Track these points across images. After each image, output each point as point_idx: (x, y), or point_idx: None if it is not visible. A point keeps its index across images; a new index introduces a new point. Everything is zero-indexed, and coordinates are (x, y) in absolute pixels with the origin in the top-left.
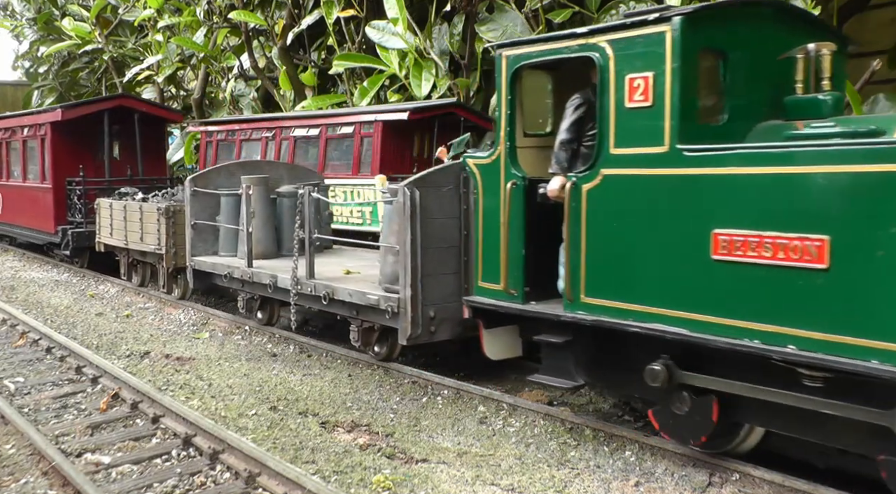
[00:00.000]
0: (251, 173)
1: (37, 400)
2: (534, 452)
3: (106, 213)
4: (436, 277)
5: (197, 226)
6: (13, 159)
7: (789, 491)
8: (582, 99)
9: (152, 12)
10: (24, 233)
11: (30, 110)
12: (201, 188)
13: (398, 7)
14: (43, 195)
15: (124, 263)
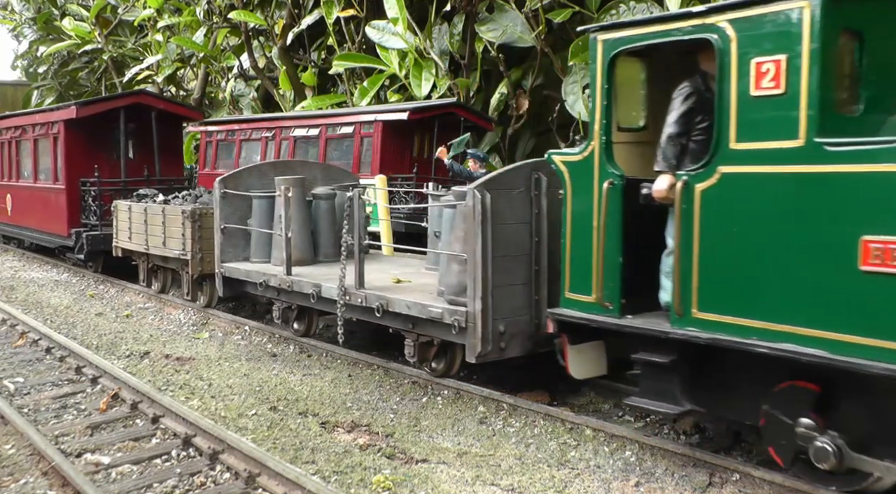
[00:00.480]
0: (283, 173)
1: (36, 401)
2: (534, 452)
3: (124, 216)
4: (505, 288)
5: (227, 230)
6: (24, 159)
7: (789, 491)
8: (691, 88)
9: (152, 12)
10: (34, 235)
11: (42, 108)
12: (232, 190)
13: (398, 7)
14: (55, 196)
15: (143, 269)
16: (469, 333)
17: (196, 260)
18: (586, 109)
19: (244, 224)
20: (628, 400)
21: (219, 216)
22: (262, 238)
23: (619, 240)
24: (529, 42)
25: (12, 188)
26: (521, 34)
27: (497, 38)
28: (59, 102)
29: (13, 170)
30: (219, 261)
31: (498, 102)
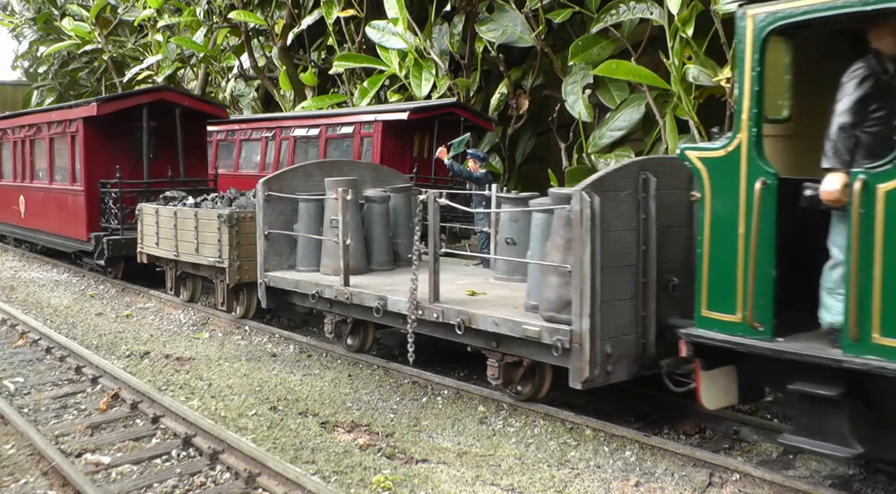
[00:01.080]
0: (330, 174)
1: (37, 400)
2: (534, 452)
3: (151, 220)
4: (612, 304)
5: (271, 236)
6: (38, 159)
7: (789, 491)
8: (866, 69)
9: (152, 12)
10: (49, 239)
11: (59, 105)
12: (276, 192)
13: (398, 7)
14: (73, 198)
15: (171, 276)
16: (574, 355)
17: (234, 268)
18: (586, 109)
19: (288, 229)
20: (782, 439)
21: (262, 221)
22: (310, 244)
23: (773, 249)
24: (529, 42)
25: (25, 189)
26: (521, 34)
27: (497, 38)
28: (59, 102)
29: (26, 170)
30: (262, 270)
31: (498, 102)
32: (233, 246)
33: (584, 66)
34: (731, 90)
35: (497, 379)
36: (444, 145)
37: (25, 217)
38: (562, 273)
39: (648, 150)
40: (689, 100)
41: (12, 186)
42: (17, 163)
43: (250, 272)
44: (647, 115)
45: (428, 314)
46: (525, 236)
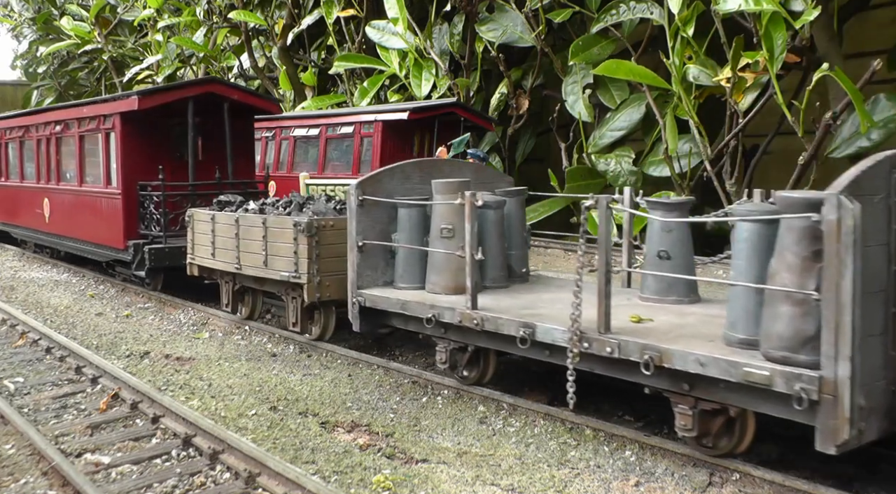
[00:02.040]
0: (430, 174)
1: (36, 400)
2: (534, 452)
3: (204, 228)
4: (865, 342)
5: (366, 247)
6: (66, 158)
7: (789, 491)
8: None
9: (152, 12)
10: (79, 246)
11: (91, 99)
12: (371, 195)
13: (398, 7)
14: (109, 202)
15: (228, 291)
16: (825, 410)
17: (312, 284)
18: (586, 109)
19: (384, 238)
20: None
21: (355, 230)
22: (412, 258)
23: None
24: (529, 42)
25: (50, 192)
26: (521, 34)
27: (497, 38)
28: (58, 102)
29: (51, 171)
30: (354, 287)
31: (498, 102)
32: (312, 259)
33: (584, 66)
34: (730, 90)
35: (690, 430)
36: (444, 145)
37: (50, 222)
38: (799, 301)
39: (648, 150)
40: (690, 100)
41: (35, 188)
42: (40, 163)
43: (331, 289)
44: (648, 115)
45: (598, 347)
46: (680, 248)
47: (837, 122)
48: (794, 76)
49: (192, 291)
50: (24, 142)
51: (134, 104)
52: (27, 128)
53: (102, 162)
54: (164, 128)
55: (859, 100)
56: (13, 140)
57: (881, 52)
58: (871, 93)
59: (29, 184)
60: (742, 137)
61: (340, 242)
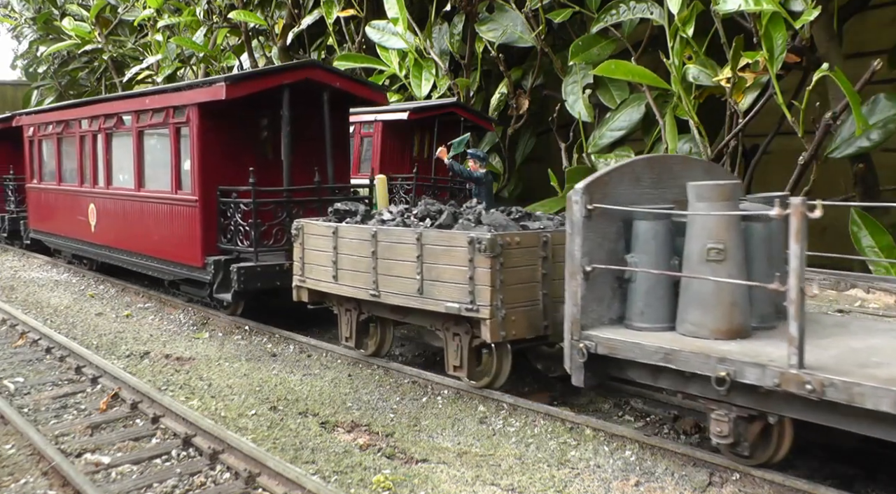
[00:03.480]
0: (661, 176)
1: (36, 400)
2: (534, 452)
3: (322, 244)
4: None
5: (594, 273)
6: (120, 158)
7: (789, 491)
8: None
9: (152, 12)
10: (138, 261)
11: (156, 88)
12: (602, 204)
13: (398, 7)
14: (180, 211)
15: (349, 321)
16: None
17: (496, 319)
18: (586, 109)
19: (611, 260)
20: None
21: (579, 249)
22: (657, 287)
23: None
24: (529, 42)
25: (98, 197)
26: (521, 34)
27: (497, 38)
28: (58, 102)
29: (99, 172)
30: (577, 326)
31: (498, 102)
32: (495, 286)
33: (584, 66)
34: (730, 90)
35: None
36: (444, 145)
37: (97, 231)
38: None
39: (648, 150)
40: (689, 100)
41: (77, 192)
42: (84, 163)
43: (517, 324)
44: (647, 115)
45: None
46: None
47: (837, 122)
48: (794, 76)
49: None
50: (62, 139)
51: (220, 93)
52: (67, 124)
53: (171, 162)
54: (248, 121)
55: (856, 102)
56: (49, 137)
57: (881, 52)
58: (871, 93)
59: (69, 187)
60: (742, 137)
61: (526, 264)
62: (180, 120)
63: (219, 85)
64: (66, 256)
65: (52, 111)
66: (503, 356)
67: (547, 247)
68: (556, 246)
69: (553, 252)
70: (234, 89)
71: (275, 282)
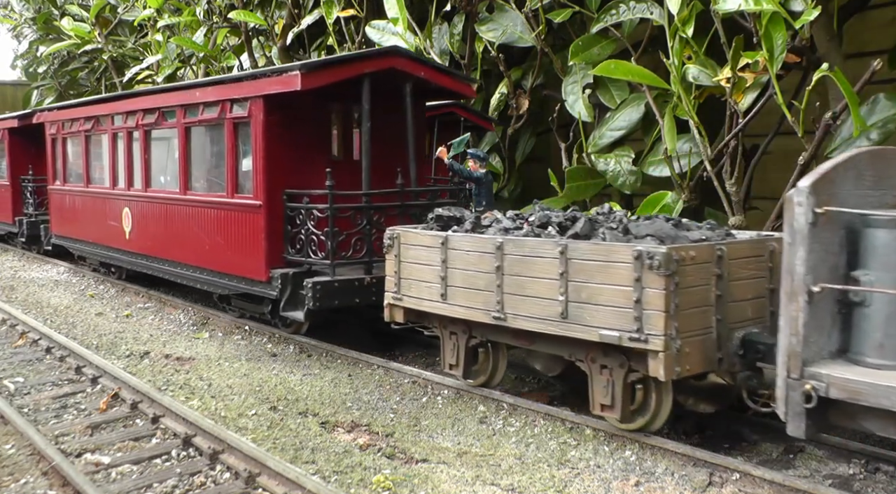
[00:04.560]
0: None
1: (37, 400)
2: (534, 452)
3: (425, 256)
4: None
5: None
6: (159, 157)
7: (789, 491)
8: None
9: (152, 12)
10: (185, 273)
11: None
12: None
13: (398, 7)
14: (240, 218)
15: (452, 345)
16: None
17: (671, 351)
18: (586, 109)
19: (835, 278)
20: None
21: (803, 264)
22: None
23: None
24: (529, 42)
25: (135, 200)
26: (521, 34)
27: (497, 38)
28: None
29: (137, 173)
30: (797, 362)
31: (498, 102)
32: (670, 311)
33: (584, 66)
34: (730, 90)
35: None
36: (444, 145)
37: (133, 238)
38: None
39: (648, 150)
40: (689, 100)
41: (109, 195)
42: (117, 163)
43: (692, 358)
44: (647, 115)
45: None
46: None
47: (837, 122)
48: (794, 76)
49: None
50: (90, 136)
51: (294, 82)
52: (97, 120)
53: (227, 163)
54: (317, 116)
55: (855, 103)
56: (74, 135)
57: (881, 52)
58: (871, 93)
59: (99, 189)
60: (742, 137)
61: (700, 284)
62: (240, 114)
63: (292, 74)
64: (92, 264)
65: (79, 106)
66: (664, 393)
67: (722, 263)
68: (731, 261)
69: (728, 269)
70: (310, 78)
71: (353, 300)
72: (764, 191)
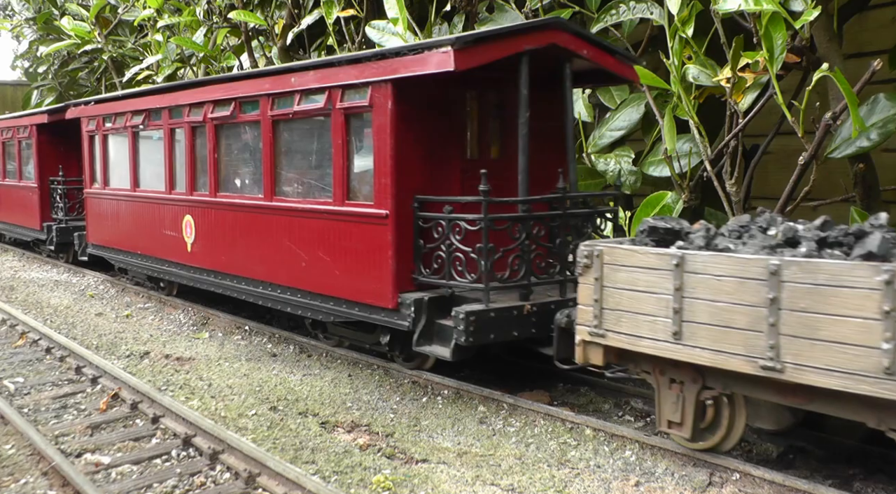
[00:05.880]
0: None
1: (36, 400)
2: (534, 452)
3: (647, 280)
4: None
5: None
6: (234, 156)
7: (789, 491)
8: None
9: (152, 12)
10: (275, 295)
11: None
12: None
13: (398, 7)
14: (355, 230)
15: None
16: None
17: None
18: (586, 109)
19: None
20: None
21: None
22: None
23: None
24: None
25: (199, 207)
26: None
27: None
28: (58, 102)
29: (197, 175)
30: None
31: None
32: None
33: None
34: (730, 90)
35: None
36: None
37: (197, 251)
38: None
39: (648, 150)
40: (689, 100)
41: (165, 200)
42: (175, 163)
43: None
44: (647, 115)
45: None
46: None
47: (837, 122)
48: (794, 76)
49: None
50: (140, 133)
51: (446, 62)
52: (149, 114)
53: (336, 163)
54: (453, 106)
55: (854, 103)
56: (120, 131)
57: (881, 52)
58: (871, 93)
59: (151, 193)
60: (742, 137)
61: None
62: (357, 104)
63: (442, 51)
64: (136, 277)
65: (126, 99)
66: None
67: None
68: None
69: None
70: (465, 57)
71: (511, 333)
72: (764, 191)
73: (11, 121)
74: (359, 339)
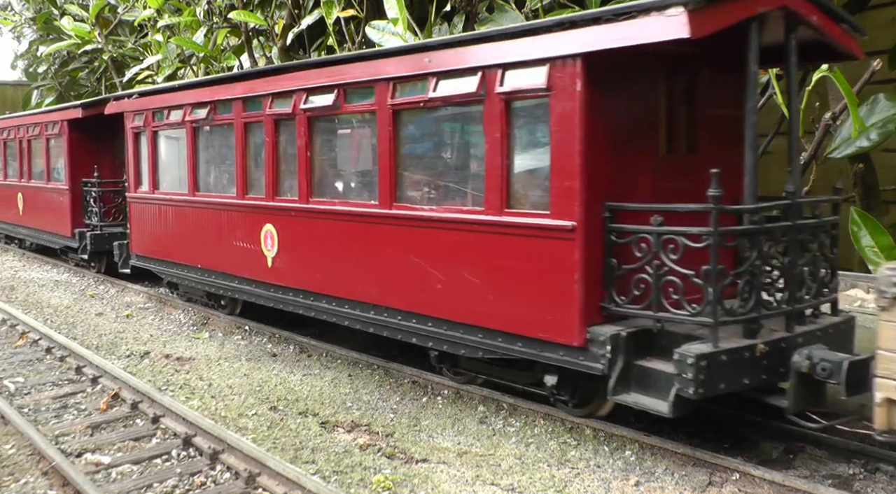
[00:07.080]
0: None
1: (37, 400)
2: (534, 452)
3: None
4: None
5: None
6: (338, 154)
7: (789, 491)
8: None
9: (152, 12)
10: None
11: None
12: None
13: (398, 7)
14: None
15: None
16: None
17: None
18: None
19: None
20: None
21: None
22: None
23: None
24: None
25: (283, 214)
26: None
27: None
28: (58, 103)
29: (280, 177)
30: None
31: None
32: None
33: None
34: None
35: None
36: None
37: (281, 266)
38: None
39: None
40: None
41: (237, 207)
42: (250, 163)
43: None
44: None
45: None
46: None
47: (837, 122)
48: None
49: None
50: (200, 129)
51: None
52: (215, 106)
53: (492, 162)
54: (644, 89)
55: (854, 104)
56: (175, 127)
57: (881, 52)
58: (871, 93)
59: (217, 198)
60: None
61: None
62: (526, 86)
63: (671, 12)
64: (189, 293)
65: (184, 89)
66: None
67: None
68: None
69: None
70: (702, 20)
71: (741, 381)
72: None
73: (39, 116)
74: (510, 379)
